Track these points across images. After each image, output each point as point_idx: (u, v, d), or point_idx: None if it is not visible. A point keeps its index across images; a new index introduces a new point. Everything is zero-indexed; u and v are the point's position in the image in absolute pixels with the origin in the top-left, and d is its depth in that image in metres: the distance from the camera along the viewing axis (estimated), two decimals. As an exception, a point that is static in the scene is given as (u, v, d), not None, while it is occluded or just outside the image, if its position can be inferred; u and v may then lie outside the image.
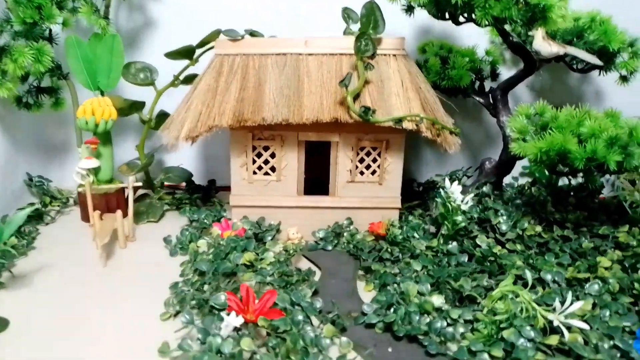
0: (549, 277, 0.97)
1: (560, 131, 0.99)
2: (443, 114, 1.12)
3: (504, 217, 1.14)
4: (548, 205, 1.21)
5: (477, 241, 1.10)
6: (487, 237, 1.11)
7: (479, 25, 0.99)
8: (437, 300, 0.87)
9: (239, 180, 1.14)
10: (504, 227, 1.13)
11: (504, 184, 1.35)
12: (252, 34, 1.21)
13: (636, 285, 0.94)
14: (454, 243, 1.08)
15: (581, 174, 1.01)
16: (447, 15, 1.08)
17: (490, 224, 1.14)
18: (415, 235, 1.13)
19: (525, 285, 0.89)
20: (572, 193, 1.28)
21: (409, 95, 1.09)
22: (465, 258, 1.05)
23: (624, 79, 1.21)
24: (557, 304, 0.79)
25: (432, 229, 1.16)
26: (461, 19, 1.07)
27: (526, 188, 1.30)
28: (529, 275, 0.88)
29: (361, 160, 1.14)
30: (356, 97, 1.07)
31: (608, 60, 1.17)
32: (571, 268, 1.02)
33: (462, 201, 1.06)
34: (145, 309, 0.91)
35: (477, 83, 1.27)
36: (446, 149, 1.08)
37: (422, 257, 1.03)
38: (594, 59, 1.12)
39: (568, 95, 1.45)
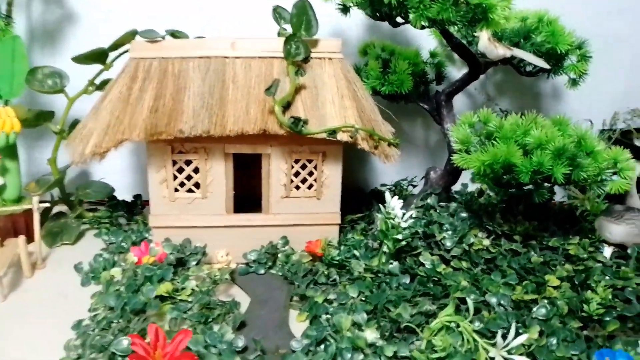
0: (494, 300, 0.89)
1: (505, 142, 0.92)
2: (382, 122, 1.03)
3: (449, 232, 1.07)
4: (496, 217, 1.14)
5: (421, 259, 1.02)
6: (432, 254, 1.04)
7: (415, 27, 0.90)
8: (371, 334, 0.78)
9: (159, 198, 1.03)
10: (448, 244, 1.05)
11: (453, 191, 1.28)
12: (174, 34, 1.09)
13: (585, 306, 0.87)
14: (396, 263, 1.00)
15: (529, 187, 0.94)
16: (384, 16, 0.99)
17: (435, 239, 1.07)
18: (356, 253, 1.04)
19: (470, 310, 0.81)
20: (523, 199, 1.22)
21: (345, 103, 0.99)
22: (407, 279, 0.96)
23: (573, 82, 1.15)
24: (498, 339, 0.72)
25: (376, 244, 1.08)
26: (399, 19, 0.98)
27: (475, 197, 1.23)
28: (470, 304, 0.80)
29: (296, 174, 1.04)
30: (287, 105, 0.97)
31: (557, 62, 1.10)
32: (519, 288, 0.95)
33: (402, 217, 0.97)
34: (42, 355, 0.79)
35: (422, 87, 1.19)
36: (386, 161, 1.00)
37: (358, 282, 0.94)
38: (541, 62, 1.05)
39: (523, 96, 1.39)
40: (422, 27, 0.89)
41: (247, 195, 1.08)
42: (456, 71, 1.29)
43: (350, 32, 1.29)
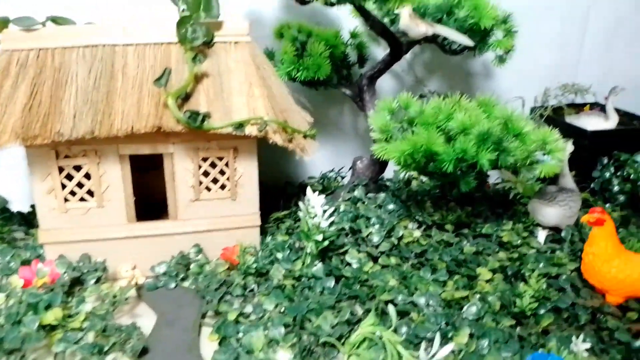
0: (422, 301, 0.83)
1: (426, 128, 0.84)
2: (298, 111, 0.94)
3: (376, 227, 1.00)
4: (427, 206, 1.08)
5: (348, 258, 0.95)
6: (359, 252, 0.96)
7: (326, 4, 0.81)
8: (284, 356, 0.69)
9: (47, 210, 0.90)
10: (375, 239, 0.98)
11: (385, 179, 1.21)
12: (56, 21, 0.94)
13: (517, 301, 0.82)
14: (320, 264, 0.91)
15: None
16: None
17: (362, 235, 0.99)
18: (279, 256, 0.95)
19: (392, 319, 0.74)
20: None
21: (254, 92, 0.89)
22: (332, 282, 0.88)
23: (500, 59, 1.09)
24: (421, 353, 0.64)
25: (302, 244, 0.99)
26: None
27: (403, 186, 1.16)
28: (393, 313, 0.73)
29: (205, 174, 0.93)
30: (187, 97, 0.86)
31: (482, 38, 1.04)
32: (450, 283, 0.89)
33: (323, 216, 0.89)
34: None
35: (345, 71, 1.09)
36: (302, 155, 0.90)
37: (276, 292, 0.85)
38: (464, 39, 0.98)
39: (453, 76, 1.33)
40: (331, 4, 0.79)
41: (154, 199, 0.97)
42: (381, 51, 1.21)
43: (267, 13, 1.18)
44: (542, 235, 1.07)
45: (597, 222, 0.84)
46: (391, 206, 1.03)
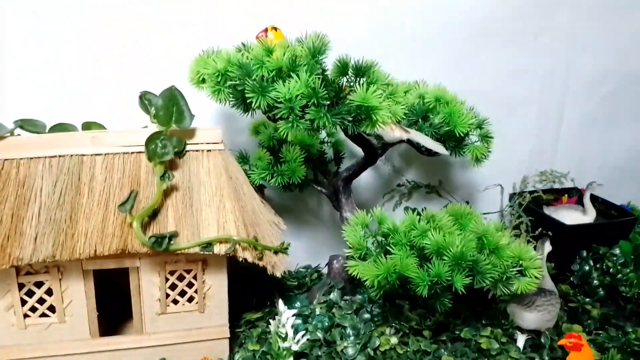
0: None
1: (400, 249, 0.82)
2: (270, 222, 0.92)
3: (351, 338, 0.96)
4: (404, 311, 1.05)
5: (320, 377, 0.91)
6: (333, 367, 0.93)
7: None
8: None
9: (6, 327, 0.86)
10: (350, 352, 0.94)
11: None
12: (24, 126, 0.92)
13: None
14: (290, 385, 0.88)
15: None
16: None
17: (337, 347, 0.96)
18: (248, 370, 0.91)
19: None
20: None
21: (225, 206, 0.87)
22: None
23: (477, 159, 1.08)
24: None
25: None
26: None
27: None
28: None
29: (173, 286, 0.90)
30: (154, 214, 0.83)
31: (457, 143, 1.03)
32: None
33: (294, 339, 0.86)
34: None
35: (321, 167, 1.08)
36: (273, 272, 0.88)
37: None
38: (439, 147, 0.98)
39: (431, 165, 1.32)
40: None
41: (120, 311, 0.93)
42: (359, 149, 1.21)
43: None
44: (521, 340, 1.05)
45: (574, 347, 0.82)
46: (366, 315, 1.01)
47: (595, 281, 1.24)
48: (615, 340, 1.07)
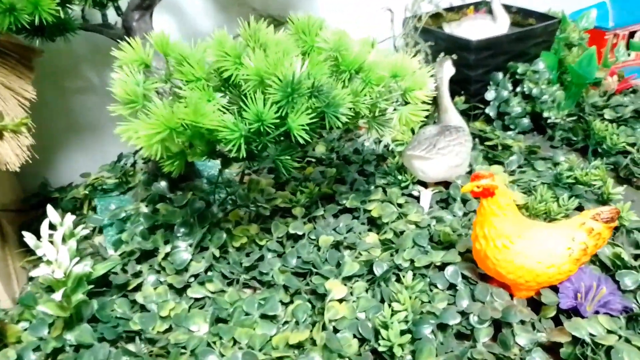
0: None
1: (193, 88, 0.49)
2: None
3: (184, 239, 0.66)
4: (263, 185, 0.75)
5: (139, 298, 0.62)
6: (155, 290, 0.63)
7: None
8: None
9: None
10: (183, 257, 0.65)
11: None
12: None
13: (383, 332, 0.53)
14: (85, 325, 0.58)
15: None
16: None
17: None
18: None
19: None
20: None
21: None
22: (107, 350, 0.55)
23: None
24: None
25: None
26: None
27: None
28: None
29: None
30: None
31: None
32: (289, 310, 0.59)
33: (70, 262, 0.54)
34: None
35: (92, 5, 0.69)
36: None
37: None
38: None
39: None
40: None
41: None
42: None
43: None
44: (425, 197, 0.79)
45: (484, 192, 0.55)
46: (198, 205, 0.69)
47: (516, 109, 0.98)
48: (543, 176, 0.83)
